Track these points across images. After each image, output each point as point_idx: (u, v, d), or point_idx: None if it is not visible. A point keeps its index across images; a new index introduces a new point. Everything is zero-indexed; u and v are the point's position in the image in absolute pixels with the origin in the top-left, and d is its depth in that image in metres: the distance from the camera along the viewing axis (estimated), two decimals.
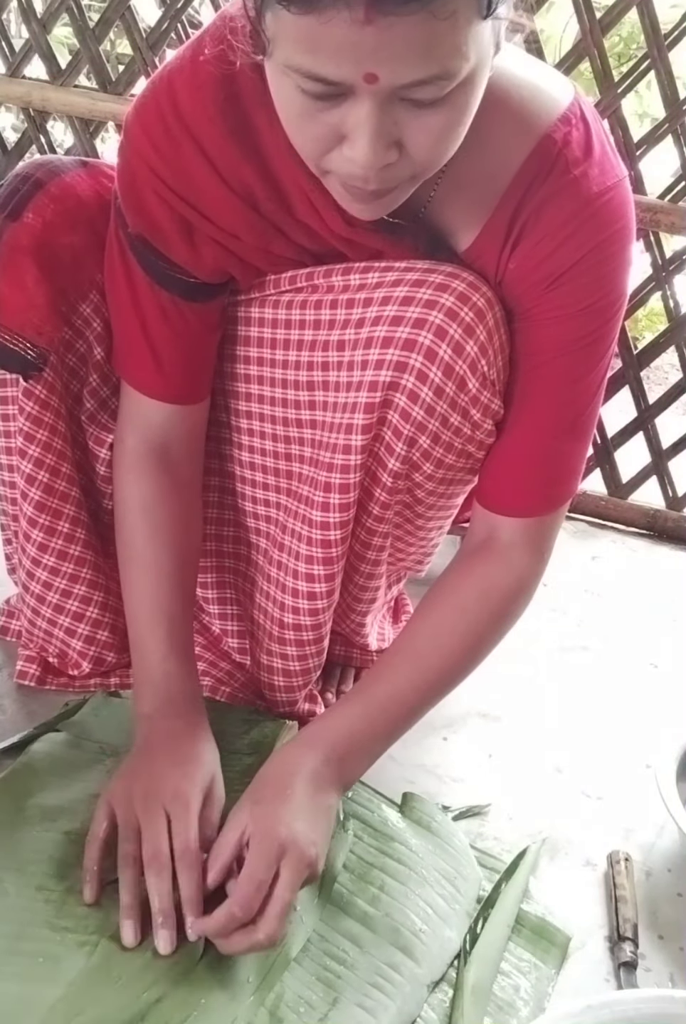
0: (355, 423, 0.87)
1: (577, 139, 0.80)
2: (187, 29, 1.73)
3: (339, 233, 0.86)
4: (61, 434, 0.99)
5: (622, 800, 1.05)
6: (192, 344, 0.93)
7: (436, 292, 0.83)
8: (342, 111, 0.66)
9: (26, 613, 1.08)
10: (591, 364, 0.86)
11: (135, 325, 0.91)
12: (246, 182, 0.83)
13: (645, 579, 1.61)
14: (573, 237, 0.81)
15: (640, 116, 3.14)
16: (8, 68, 1.85)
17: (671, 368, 2.86)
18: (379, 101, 0.64)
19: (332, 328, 0.89)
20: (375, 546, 0.99)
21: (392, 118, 0.66)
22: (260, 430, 0.99)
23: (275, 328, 0.94)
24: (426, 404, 0.85)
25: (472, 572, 0.92)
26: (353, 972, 0.77)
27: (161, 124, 0.82)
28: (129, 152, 0.85)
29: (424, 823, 0.92)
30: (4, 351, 0.94)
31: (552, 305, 0.83)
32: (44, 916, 0.78)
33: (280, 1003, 0.74)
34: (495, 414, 0.88)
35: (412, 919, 0.82)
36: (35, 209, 0.91)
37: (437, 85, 0.64)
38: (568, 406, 0.88)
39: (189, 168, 0.83)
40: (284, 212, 0.85)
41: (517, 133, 0.80)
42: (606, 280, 0.83)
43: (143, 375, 0.94)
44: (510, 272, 0.84)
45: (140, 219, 0.86)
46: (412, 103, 0.65)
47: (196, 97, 0.81)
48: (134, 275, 0.89)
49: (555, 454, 0.90)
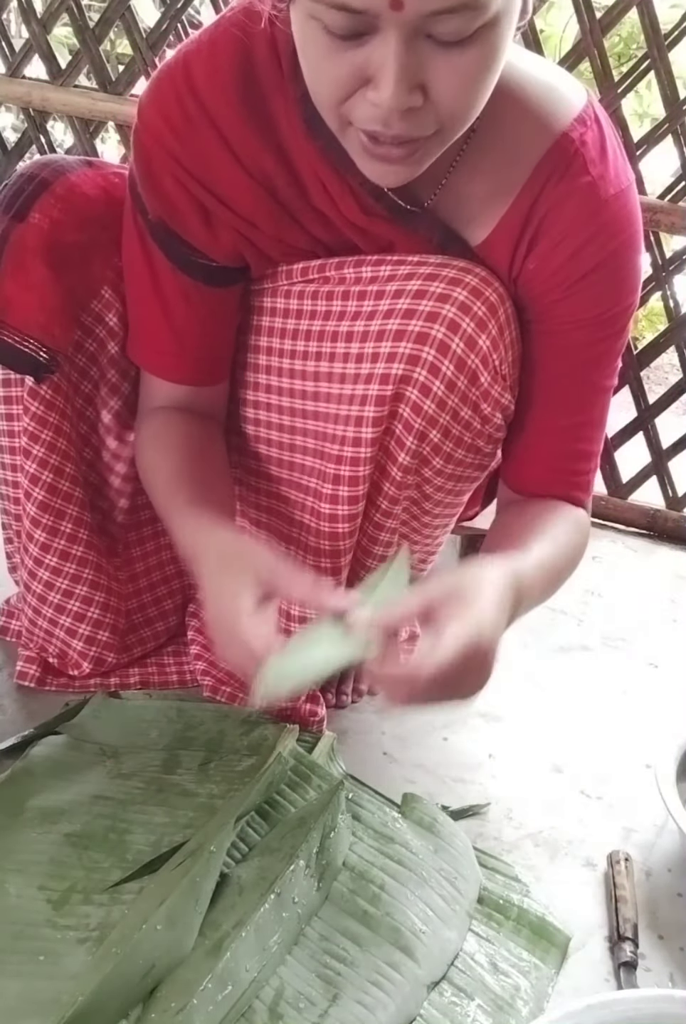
0: (365, 415, 0.87)
1: (593, 140, 0.81)
2: (187, 29, 1.73)
3: (354, 221, 0.86)
4: (66, 434, 0.99)
5: (622, 800, 1.05)
6: (213, 327, 0.93)
7: (449, 286, 0.83)
8: (366, 50, 0.65)
9: (27, 613, 1.08)
10: (613, 357, 0.88)
11: (156, 311, 0.91)
12: (264, 168, 0.83)
13: (645, 579, 1.61)
14: (591, 241, 0.81)
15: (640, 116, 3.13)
16: (8, 68, 1.85)
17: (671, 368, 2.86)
18: (405, 36, 0.63)
19: (341, 319, 0.89)
20: (382, 541, 0.99)
21: (417, 58, 0.65)
22: (267, 419, 0.99)
23: (286, 318, 0.94)
24: (438, 398, 0.85)
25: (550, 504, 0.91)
26: (353, 970, 0.77)
27: (178, 106, 0.82)
28: (145, 136, 0.84)
29: (425, 824, 0.92)
30: (14, 353, 0.94)
31: (569, 310, 0.84)
32: (45, 915, 0.79)
33: (280, 1000, 0.74)
34: (505, 408, 0.88)
35: (412, 919, 0.82)
36: (41, 209, 0.90)
37: (464, 16, 0.63)
38: (593, 397, 0.91)
39: (207, 151, 0.82)
40: (301, 199, 0.85)
41: (534, 129, 0.81)
42: (622, 284, 0.84)
43: (164, 360, 0.94)
44: (528, 272, 0.85)
45: (159, 203, 0.86)
46: (438, 43, 0.64)
47: (214, 80, 0.81)
48: (155, 261, 0.89)
49: (584, 443, 0.93)
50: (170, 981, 0.73)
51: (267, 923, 0.77)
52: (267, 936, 0.77)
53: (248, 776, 0.93)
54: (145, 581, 1.14)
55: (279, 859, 0.82)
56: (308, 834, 0.84)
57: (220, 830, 0.82)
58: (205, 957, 0.74)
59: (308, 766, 0.96)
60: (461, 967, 0.81)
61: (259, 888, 0.80)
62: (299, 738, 1.04)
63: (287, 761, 0.95)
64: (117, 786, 0.93)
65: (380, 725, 1.13)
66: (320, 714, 1.09)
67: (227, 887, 0.81)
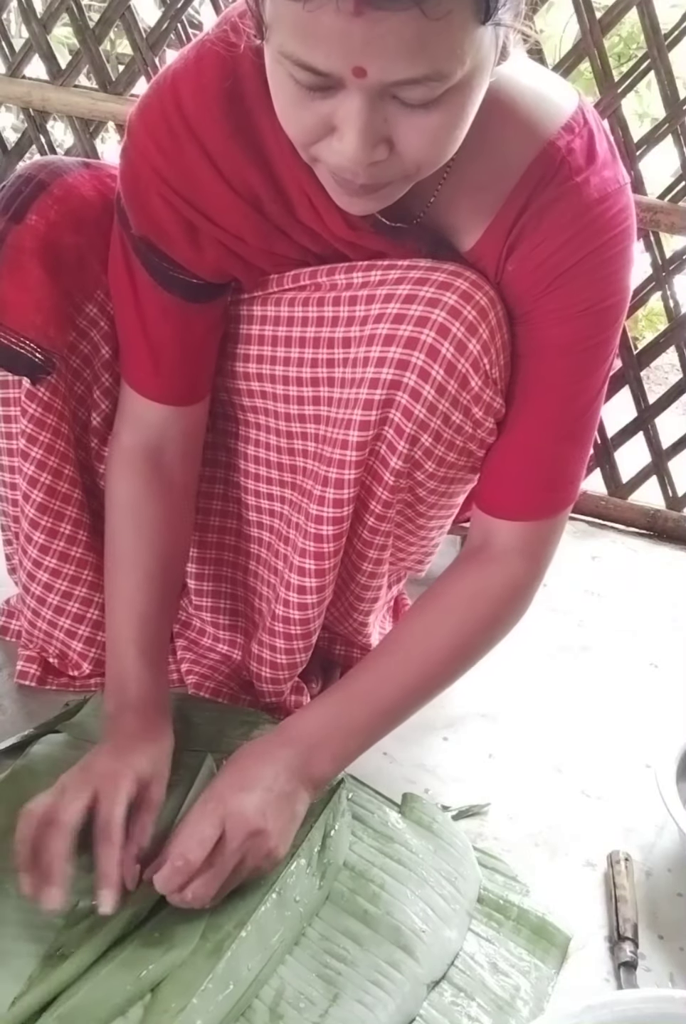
0: (353, 419, 0.87)
1: (580, 147, 0.81)
2: (187, 29, 1.73)
3: (341, 236, 0.86)
4: (64, 436, 0.99)
5: (622, 800, 1.05)
6: (192, 345, 0.93)
7: (439, 290, 0.83)
8: (333, 103, 0.66)
9: (26, 614, 1.08)
10: (592, 367, 0.86)
11: (136, 325, 0.91)
12: (250, 184, 0.83)
13: (645, 579, 1.61)
14: (571, 240, 0.81)
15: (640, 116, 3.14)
16: (8, 68, 1.85)
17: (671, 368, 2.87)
18: (369, 97, 0.64)
19: (335, 325, 0.89)
20: (377, 545, 0.99)
21: (382, 115, 0.66)
22: (265, 425, 0.99)
23: (277, 326, 0.94)
24: (428, 402, 0.85)
25: (465, 575, 0.92)
26: (353, 969, 0.77)
27: (165, 125, 0.82)
28: (133, 153, 0.85)
29: (424, 823, 0.92)
30: (10, 354, 0.94)
31: (551, 307, 0.83)
32: (45, 916, 0.78)
33: (280, 1000, 0.74)
34: (497, 412, 0.88)
35: (412, 918, 0.82)
36: (38, 211, 0.90)
37: (428, 86, 0.63)
38: (568, 410, 0.88)
39: (193, 170, 0.83)
40: (287, 214, 0.85)
41: (521, 139, 0.80)
42: (605, 283, 0.83)
43: (141, 375, 0.94)
44: (508, 274, 0.84)
45: (144, 220, 0.86)
46: (403, 103, 0.65)
47: (200, 98, 0.81)
48: (136, 275, 0.89)
49: (554, 458, 0.89)
50: (171, 982, 0.73)
51: (268, 922, 0.77)
52: (269, 935, 0.77)
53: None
54: None
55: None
56: (309, 833, 0.85)
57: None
58: (206, 958, 0.74)
59: None
60: (461, 967, 0.81)
61: (261, 888, 0.80)
62: None
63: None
64: None
65: None
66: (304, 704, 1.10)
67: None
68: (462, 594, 0.91)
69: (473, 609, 0.91)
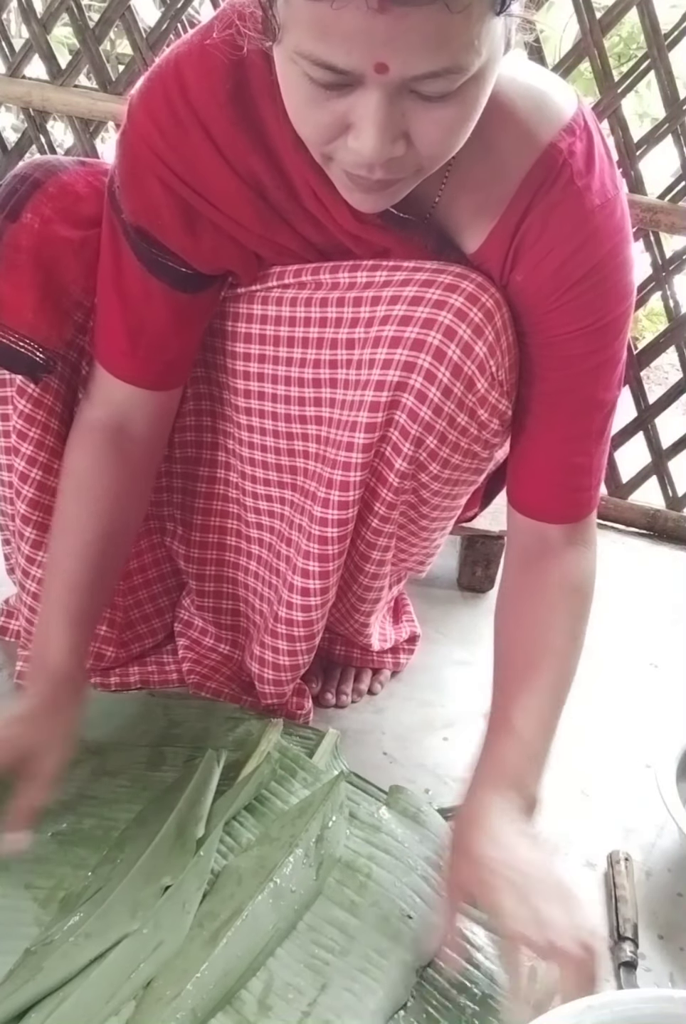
0: (359, 421, 0.87)
1: (581, 150, 0.81)
2: (187, 29, 1.73)
3: (347, 228, 0.86)
4: (54, 431, 0.99)
5: (622, 800, 1.05)
6: (173, 332, 0.92)
7: (445, 292, 0.83)
8: (350, 100, 0.66)
9: (24, 612, 1.08)
10: (610, 368, 0.87)
11: (114, 305, 0.90)
12: (254, 171, 0.83)
13: (645, 579, 1.61)
14: (578, 252, 0.81)
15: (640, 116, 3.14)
16: (8, 68, 1.85)
17: (671, 368, 2.86)
18: (388, 92, 0.64)
19: (339, 326, 0.89)
20: (380, 547, 0.99)
21: (400, 110, 0.66)
22: (260, 426, 0.99)
23: (278, 325, 0.94)
24: (434, 404, 0.85)
25: (549, 573, 0.91)
26: (341, 959, 0.78)
27: (168, 108, 0.81)
28: (132, 137, 0.84)
29: (409, 814, 0.93)
30: (10, 353, 0.93)
31: (563, 320, 0.84)
32: (32, 913, 0.79)
33: (269, 992, 0.75)
34: (502, 414, 0.88)
35: (400, 906, 0.82)
36: (33, 209, 0.90)
37: (448, 79, 0.64)
38: (594, 414, 0.89)
39: (195, 153, 0.82)
40: (291, 201, 0.85)
41: (522, 141, 0.80)
42: (610, 294, 0.84)
43: (112, 353, 0.93)
44: (516, 283, 0.84)
45: (140, 205, 0.86)
46: (421, 96, 0.65)
47: (205, 83, 0.80)
48: (123, 257, 0.88)
49: (590, 456, 0.91)
50: (165, 971, 0.74)
51: (264, 911, 0.78)
52: (264, 924, 0.77)
53: (233, 771, 0.94)
54: (140, 578, 1.14)
55: (278, 848, 0.83)
56: (308, 824, 0.85)
57: (208, 834, 0.84)
58: (202, 947, 0.75)
59: (293, 759, 0.97)
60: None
61: (257, 877, 0.80)
62: (302, 736, 1.04)
63: (274, 758, 0.96)
64: (103, 785, 0.93)
65: (380, 725, 1.13)
66: (307, 707, 1.10)
67: (226, 877, 0.82)
68: (560, 590, 0.90)
69: (576, 599, 0.91)
